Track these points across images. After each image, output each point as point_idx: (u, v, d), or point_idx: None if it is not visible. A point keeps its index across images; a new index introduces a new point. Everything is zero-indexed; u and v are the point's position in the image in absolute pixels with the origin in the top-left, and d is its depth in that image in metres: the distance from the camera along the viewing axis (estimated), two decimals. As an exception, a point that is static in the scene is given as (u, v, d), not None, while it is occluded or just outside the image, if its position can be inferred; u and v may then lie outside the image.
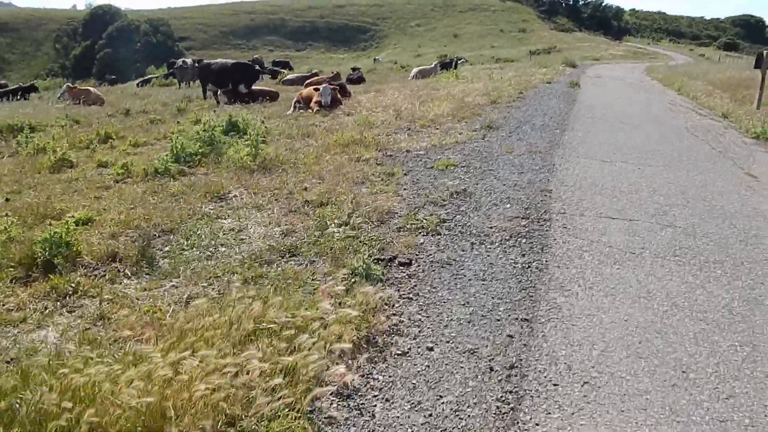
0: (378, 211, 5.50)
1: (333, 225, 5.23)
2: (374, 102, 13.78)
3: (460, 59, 32.18)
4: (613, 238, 4.95)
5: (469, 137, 9.26)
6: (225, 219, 5.70)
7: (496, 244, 4.81)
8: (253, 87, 17.19)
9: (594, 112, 12.34)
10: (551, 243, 4.81)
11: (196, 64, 22.24)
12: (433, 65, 26.70)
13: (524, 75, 20.51)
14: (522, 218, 5.40)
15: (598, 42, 67.09)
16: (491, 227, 5.17)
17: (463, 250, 4.68)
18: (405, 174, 7.05)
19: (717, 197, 6.36)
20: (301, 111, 13.06)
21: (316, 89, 13.27)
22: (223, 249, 4.97)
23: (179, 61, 24.41)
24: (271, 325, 3.25)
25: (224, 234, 5.28)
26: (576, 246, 4.77)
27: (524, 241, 4.85)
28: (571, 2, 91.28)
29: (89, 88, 20.75)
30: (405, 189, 6.41)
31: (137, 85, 32.55)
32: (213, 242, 5.10)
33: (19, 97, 24.80)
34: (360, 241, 4.83)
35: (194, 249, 4.97)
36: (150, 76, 34.08)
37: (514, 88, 16.20)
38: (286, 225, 5.40)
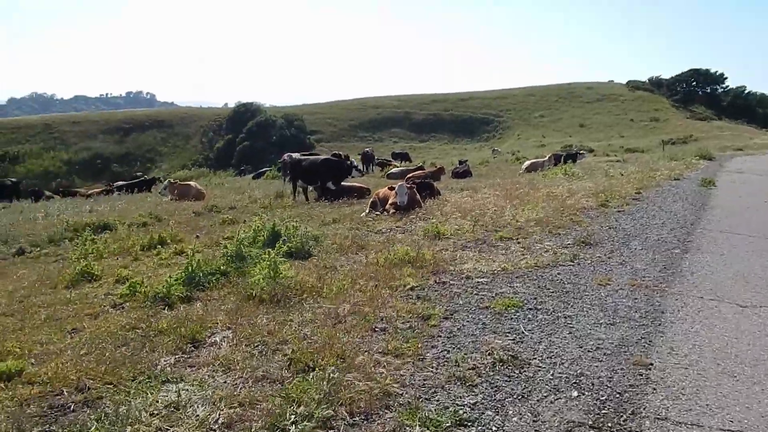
0: (369, 395, 3.71)
1: (293, 416, 3.52)
2: (460, 203, 12.12)
3: (581, 152, 29.82)
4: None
5: (555, 258, 7.23)
6: (175, 384, 4.19)
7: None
8: (345, 183, 16.31)
9: (731, 222, 9.74)
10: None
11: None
12: (546, 158, 24.68)
13: (648, 170, 17.91)
14: (591, 428, 3.33)
15: (741, 131, 61.13)
16: (533, 446, 3.17)
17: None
18: (446, 318, 5.21)
19: None
20: (377, 213, 11.70)
21: (393, 188, 11.90)
22: (130, 447, 3.42)
23: (285, 156, 24.46)
24: None
25: (152, 415, 3.75)
26: None
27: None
28: (709, 90, 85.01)
29: (190, 183, 21.10)
30: (433, 347, 4.56)
31: (252, 177, 33.62)
32: (125, 430, 3.57)
33: (142, 189, 26.14)
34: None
35: (93, 443, 3.47)
36: (264, 168, 35.14)
37: (632, 186, 13.83)
38: (238, 407, 3.76)
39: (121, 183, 28.95)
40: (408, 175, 22.61)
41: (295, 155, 24.02)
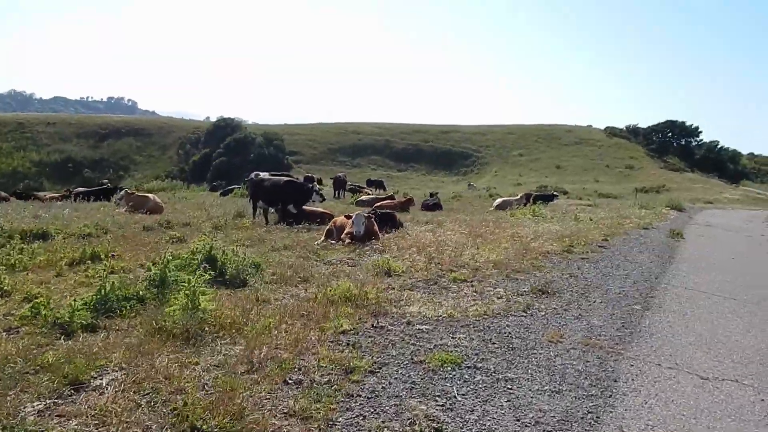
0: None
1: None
2: (421, 237, 11.57)
3: (554, 193, 29.66)
4: None
5: (507, 306, 6.67)
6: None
7: None
8: (307, 207, 15.68)
9: (696, 278, 9.33)
10: None
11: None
12: (518, 197, 24.37)
13: (618, 216, 17.64)
14: None
15: (712, 184, 62.07)
16: None
17: None
18: (372, 372, 4.58)
19: None
20: (332, 242, 11.08)
21: (350, 217, 11.31)
22: None
23: (253, 174, 23.66)
24: None
25: (-16, 480, 3.05)
26: None
27: None
28: (683, 142, 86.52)
29: (148, 195, 20.20)
30: (348, 409, 3.92)
31: (220, 194, 32.75)
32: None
33: (100, 197, 25.04)
34: None
35: None
36: (233, 186, 34.38)
37: (600, 232, 13.46)
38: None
39: (80, 189, 27.85)
40: (376, 204, 22.08)
41: (264, 174, 23.42)
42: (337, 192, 32.82)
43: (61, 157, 75.45)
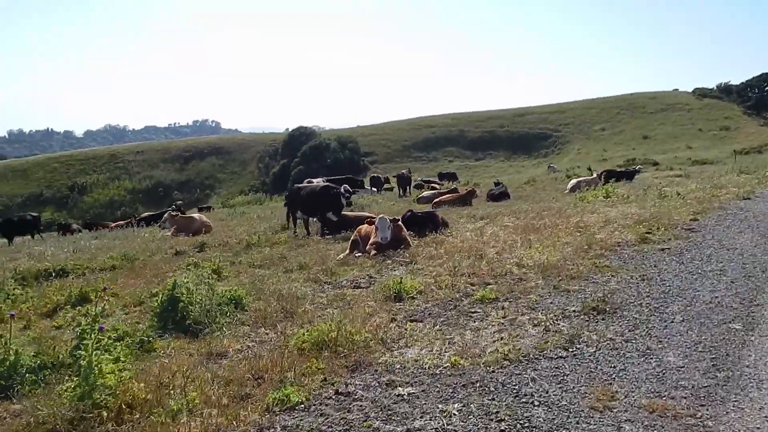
0: None
1: None
2: (463, 239, 9.69)
3: (637, 167, 26.54)
4: None
5: (543, 341, 4.72)
6: None
7: None
8: (349, 213, 14.19)
9: (825, 267, 6.87)
10: None
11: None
12: (593, 176, 21.65)
13: (711, 187, 14.81)
14: None
15: (824, 136, 55.21)
16: None
17: None
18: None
19: None
20: (358, 255, 9.46)
21: (373, 223, 9.60)
22: None
23: (306, 180, 22.40)
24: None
25: None
26: None
27: None
28: (784, 94, 78.14)
29: (193, 215, 19.45)
30: None
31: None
32: None
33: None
34: None
35: None
36: (295, 194, 33.52)
37: (688, 210, 10.96)
38: None
39: (145, 214, 27.87)
40: (435, 200, 20.26)
41: (317, 181, 22.11)
42: (402, 190, 31.12)
43: (152, 182, 79.05)
